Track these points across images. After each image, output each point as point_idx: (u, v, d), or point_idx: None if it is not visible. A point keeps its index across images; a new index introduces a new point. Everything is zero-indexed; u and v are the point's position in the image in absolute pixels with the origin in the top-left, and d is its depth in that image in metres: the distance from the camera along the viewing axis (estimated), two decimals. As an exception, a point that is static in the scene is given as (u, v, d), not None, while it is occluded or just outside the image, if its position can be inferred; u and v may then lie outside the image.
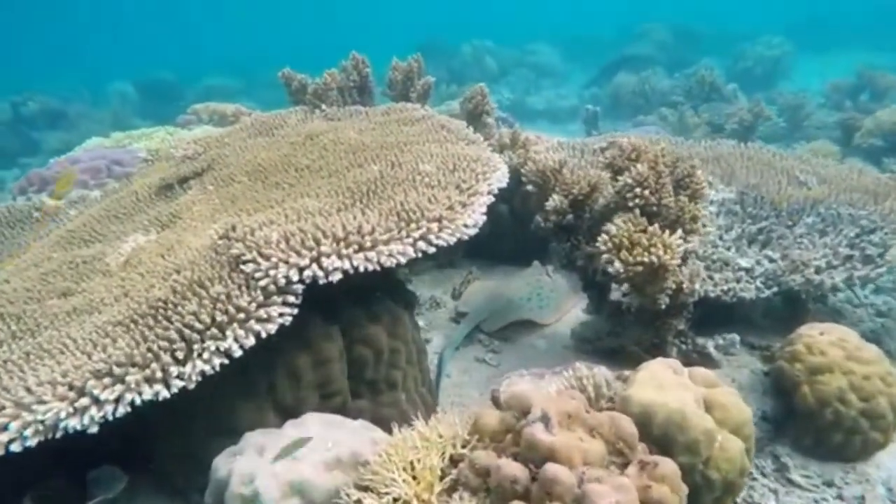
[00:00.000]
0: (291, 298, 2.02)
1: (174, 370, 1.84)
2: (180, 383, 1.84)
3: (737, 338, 2.89)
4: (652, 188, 2.53)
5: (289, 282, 2.01)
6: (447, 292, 4.10)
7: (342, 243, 2.06)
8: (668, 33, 14.60)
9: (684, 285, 2.58)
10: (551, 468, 1.48)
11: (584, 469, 1.54)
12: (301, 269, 2.01)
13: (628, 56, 12.95)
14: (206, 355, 1.87)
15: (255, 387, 2.20)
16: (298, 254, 2.03)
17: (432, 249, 2.22)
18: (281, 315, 2.00)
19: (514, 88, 12.31)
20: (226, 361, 1.90)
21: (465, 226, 2.33)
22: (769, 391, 2.88)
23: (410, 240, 2.17)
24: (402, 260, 2.13)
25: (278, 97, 4.31)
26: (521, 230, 4.06)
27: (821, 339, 2.72)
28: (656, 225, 2.36)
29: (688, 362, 2.69)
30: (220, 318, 1.93)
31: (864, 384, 2.60)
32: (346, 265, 2.03)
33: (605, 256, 2.42)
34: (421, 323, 3.67)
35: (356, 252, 2.06)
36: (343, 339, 2.34)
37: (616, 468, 1.63)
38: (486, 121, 3.92)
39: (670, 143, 4.43)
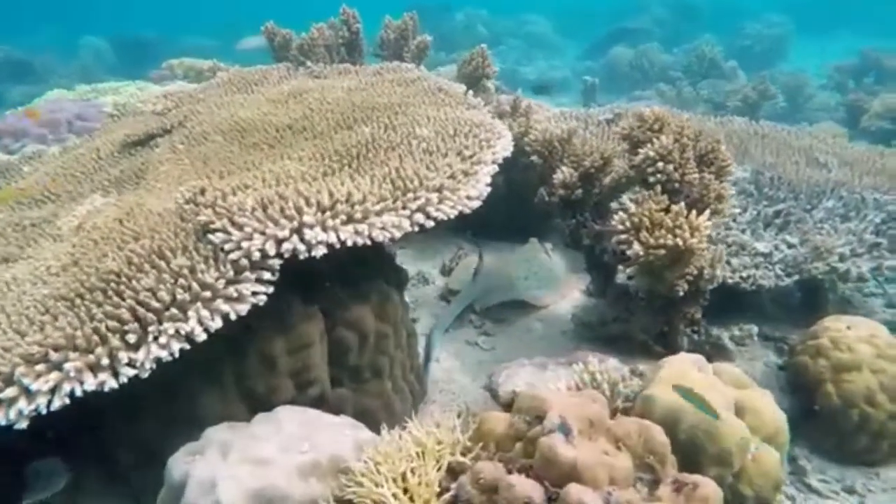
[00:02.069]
0: (267, 275, 1.73)
1: (124, 356, 1.55)
2: (131, 371, 1.55)
3: (755, 329, 2.67)
4: (676, 163, 2.26)
5: (264, 256, 1.72)
6: (435, 267, 3.83)
7: (328, 213, 1.77)
8: (666, 8, 14.22)
9: (705, 271, 2.34)
10: (575, 491, 1.23)
11: (609, 489, 1.29)
12: (280, 242, 1.72)
13: (625, 29, 12.60)
14: (163, 339, 1.58)
15: (221, 372, 1.92)
16: (277, 224, 1.74)
17: (430, 223, 1.94)
18: (254, 294, 1.71)
19: (505, 59, 11.89)
20: (186, 346, 1.62)
21: (469, 197, 2.05)
22: (786, 387, 2.67)
23: (407, 211, 1.88)
24: (397, 234, 1.85)
25: (263, 60, 3.95)
26: (518, 204, 3.78)
27: (849, 334, 2.50)
28: (682, 204, 2.10)
29: (700, 355, 2.46)
30: (181, 295, 1.63)
31: (894, 385, 2.39)
32: (333, 238, 1.74)
33: (622, 237, 2.16)
34: (406, 300, 3.40)
35: (344, 224, 1.77)
36: (325, 321, 2.06)
37: (644, 487, 1.38)
38: (486, 85, 3.61)
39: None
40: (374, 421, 2.17)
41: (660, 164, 2.22)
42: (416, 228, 1.92)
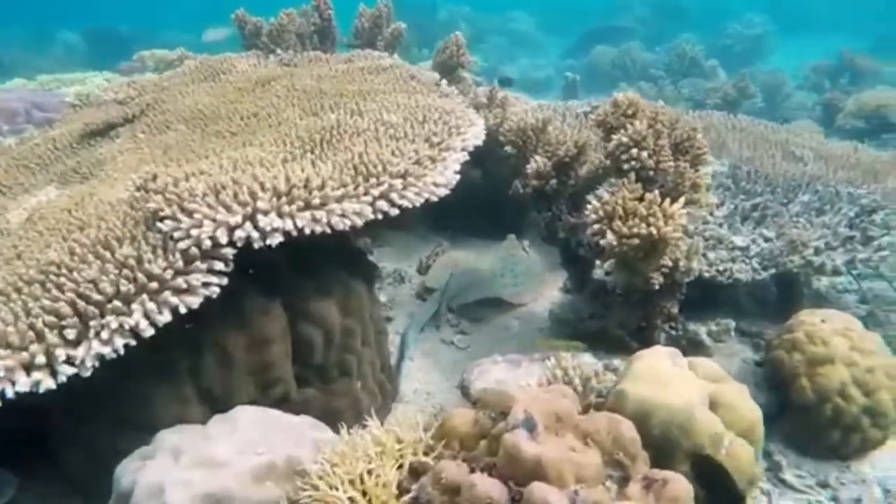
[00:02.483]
0: (219, 265, 1.64)
1: (62, 353, 1.45)
2: (70, 370, 1.45)
3: (732, 324, 2.61)
4: (650, 150, 2.20)
5: (216, 244, 1.62)
6: (413, 265, 3.74)
7: (284, 199, 1.68)
8: (649, 7, 14.25)
9: (681, 263, 2.28)
10: (539, 490, 1.16)
11: (576, 488, 1.22)
12: (232, 229, 1.62)
13: (607, 27, 12.60)
14: (105, 334, 1.48)
15: (176, 371, 1.82)
16: (229, 210, 1.64)
17: (395, 211, 1.86)
18: (206, 285, 1.61)
19: (487, 56, 11.81)
20: (132, 342, 1.52)
21: (435, 184, 1.97)
22: (762, 383, 2.62)
23: (369, 198, 1.80)
24: (358, 221, 1.76)
25: (231, 51, 3.83)
26: (495, 199, 3.71)
27: (823, 327, 2.46)
28: (656, 192, 2.04)
29: (678, 350, 2.41)
30: (125, 287, 1.53)
31: (867, 378, 2.35)
32: (289, 225, 1.65)
33: (594, 227, 2.09)
34: (382, 299, 3.31)
35: (301, 210, 1.68)
36: (286, 316, 1.97)
37: (614, 484, 1.31)
38: (462, 75, 3.53)
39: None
40: (342, 422, 2.08)
41: (633, 151, 2.15)
42: (380, 216, 1.83)
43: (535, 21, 15.53)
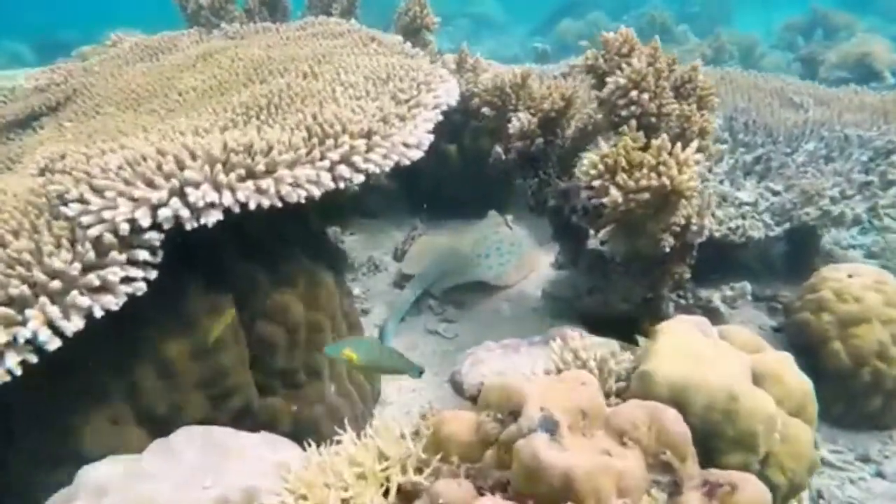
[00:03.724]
0: (144, 255, 1.31)
1: (-66, 379, 1.11)
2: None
3: (748, 287, 2.34)
4: (651, 92, 1.91)
5: (136, 228, 1.29)
6: (388, 252, 3.42)
7: (220, 167, 1.35)
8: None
9: (693, 220, 2.00)
10: (573, 515, 0.86)
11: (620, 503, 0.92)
12: (155, 208, 1.29)
13: (571, 2, 12.33)
14: (-7, 351, 1.14)
15: (107, 390, 1.49)
16: (151, 184, 1.31)
17: (359, 178, 1.54)
18: (128, 281, 1.28)
19: (453, 38, 11.49)
20: (33, 359, 1.18)
21: (406, 145, 1.66)
22: (785, 349, 2.37)
23: (326, 162, 1.48)
24: (315, 191, 1.44)
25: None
26: (473, 174, 3.41)
27: (852, 282, 2.21)
28: (664, 136, 1.75)
29: (703, 317, 2.14)
30: (17, 290, 1.19)
31: (908, 335, 2.11)
32: (227, 199, 1.32)
33: (595, 183, 1.80)
34: (357, 291, 3.00)
35: (242, 180, 1.36)
36: (241, 314, 1.64)
37: (662, 493, 1.02)
38: (427, 38, 3.20)
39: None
40: (318, 433, 1.77)
41: (633, 94, 1.86)
42: (342, 184, 1.52)
43: (500, 3, 15.19)
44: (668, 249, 1.98)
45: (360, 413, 1.93)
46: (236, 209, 1.35)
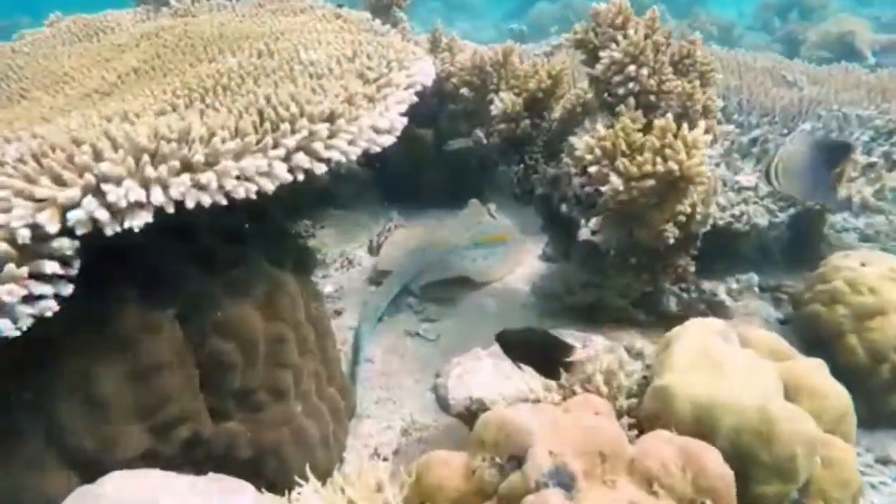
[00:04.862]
0: (52, 267, 1.06)
1: None
2: None
3: (755, 278, 2.17)
4: (650, 66, 1.70)
5: (41, 236, 1.04)
6: (362, 246, 3.18)
7: (147, 159, 1.10)
8: (584, -38, 13.78)
9: (697, 209, 1.80)
10: None
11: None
12: (65, 209, 1.05)
13: (545, -15, 12.07)
14: None
15: (23, 427, 1.24)
16: (58, 180, 1.06)
17: (321, 168, 1.31)
18: (32, 300, 1.04)
19: (425, 22, 11.20)
20: None
21: (375, 129, 1.42)
22: (794, 345, 2.19)
23: (281, 151, 1.24)
24: (269, 185, 1.21)
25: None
26: (451, 161, 3.19)
27: (866, 272, 2.04)
28: (669, 115, 1.54)
29: (690, 316, 1.95)
30: None
31: (929, 327, 1.94)
32: (158, 198, 1.08)
33: (592, 170, 1.58)
34: (329, 289, 2.76)
35: (176, 174, 1.11)
36: (187, 330, 1.40)
37: (702, 553, 0.82)
38: (398, 15, 2.95)
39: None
40: (282, 461, 1.55)
41: (631, 69, 1.65)
42: (301, 176, 1.28)
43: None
44: (671, 241, 1.79)
45: (331, 433, 1.71)
46: (170, 209, 1.11)
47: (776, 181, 1.64)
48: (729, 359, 1.23)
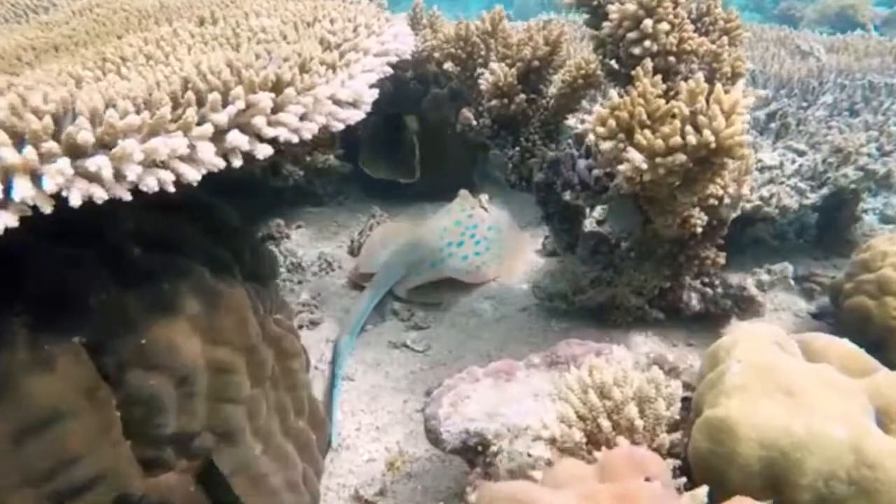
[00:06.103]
0: None
1: None
2: None
3: (790, 268, 1.89)
4: (669, 21, 1.41)
5: None
6: (342, 246, 2.89)
7: (7, 139, 0.80)
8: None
9: (728, 191, 1.52)
10: None
11: None
12: None
13: (529, -28, 11.80)
14: None
15: None
16: None
17: (265, 150, 1.01)
18: None
19: (403, 8, 10.90)
20: None
21: (336, 100, 1.12)
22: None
23: (207, 128, 0.94)
24: (191, 175, 0.91)
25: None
26: (436, 148, 2.90)
27: (919, 256, 1.77)
28: (700, 75, 1.25)
29: (715, 314, 1.69)
30: None
31: None
32: (24, 192, 0.78)
33: (606, 146, 1.29)
34: (305, 296, 2.46)
35: (50, 159, 0.81)
36: (100, 362, 1.10)
37: None
38: (376, -1, 2.64)
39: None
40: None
41: (647, 23, 1.36)
42: (237, 162, 0.98)
43: (454, -25, 14.59)
44: (699, 228, 1.50)
45: (300, 477, 1.41)
46: (47, 209, 0.81)
47: None
48: (801, 378, 0.95)
